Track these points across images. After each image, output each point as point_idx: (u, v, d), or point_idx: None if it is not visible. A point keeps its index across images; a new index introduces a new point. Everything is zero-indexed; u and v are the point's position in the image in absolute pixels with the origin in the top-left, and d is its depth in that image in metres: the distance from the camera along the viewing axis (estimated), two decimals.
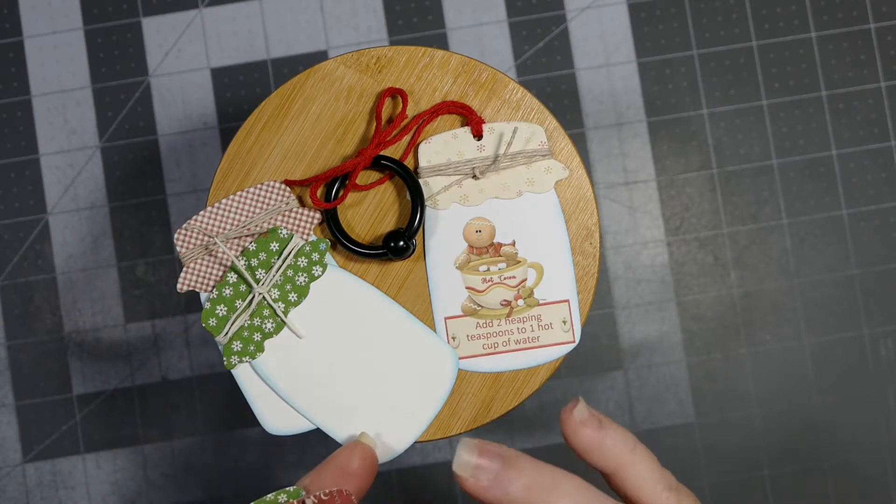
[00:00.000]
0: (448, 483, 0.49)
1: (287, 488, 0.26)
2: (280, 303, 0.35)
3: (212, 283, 0.36)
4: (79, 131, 0.50)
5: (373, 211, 0.37)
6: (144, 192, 0.50)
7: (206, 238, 0.36)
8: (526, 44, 0.50)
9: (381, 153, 0.36)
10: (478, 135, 0.36)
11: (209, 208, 0.36)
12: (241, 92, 0.50)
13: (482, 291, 0.36)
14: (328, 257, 0.36)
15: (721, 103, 0.50)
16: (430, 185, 0.36)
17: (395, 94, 0.36)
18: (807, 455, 0.49)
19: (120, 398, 0.49)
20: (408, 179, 0.35)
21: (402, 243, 0.35)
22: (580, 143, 0.49)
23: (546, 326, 0.36)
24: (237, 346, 0.35)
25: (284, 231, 0.35)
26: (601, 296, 0.49)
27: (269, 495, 0.26)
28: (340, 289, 0.36)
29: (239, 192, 0.36)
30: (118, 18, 0.50)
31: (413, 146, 0.36)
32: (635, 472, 0.31)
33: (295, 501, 0.26)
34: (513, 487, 0.28)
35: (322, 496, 0.26)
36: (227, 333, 0.35)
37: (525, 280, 0.36)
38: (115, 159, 0.50)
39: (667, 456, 0.49)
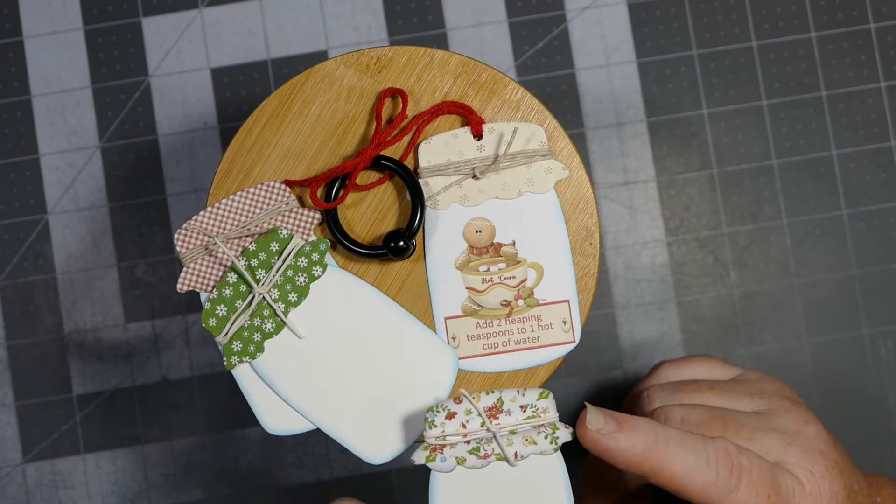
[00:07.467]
0: None
1: None
2: (280, 303, 0.35)
3: (212, 283, 0.36)
4: (79, 131, 0.50)
5: (373, 211, 0.37)
6: (144, 192, 0.50)
7: (206, 238, 0.36)
8: (526, 44, 0.50)
9: (381, 153, 0.36)
10: (478, 135, 0.36)
11: (209, 208, 0.36)
12: (241, 92, 0.50)
13: (482, 291, 0.36)
14: (328, 257, 0.36)
15: (721, 103, 0.50)
16: (430, 185, 0.36)
17: (395, 94, 0.36)
18: None
19: (120, 398, 0.49)
20: (408, 179, 0.35)
21: (402, 243, 0.35)
22: (580, 143, 0.49)
23: (546, 326, 0.36)
24: (237, 346, 0.35)
25: (284, 231, 0.35)
26: (601, 296, 0.49)
27: None
28: (340, 289, 0.36)
29: (239, 192, 0.36)
30: (118, 18, 0.50)
31: (413, 146, 0.36)
32: (667, 464, 0.26)
33: None
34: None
35: None
36: (227, 333, 0.35)
37: (525, 280, 0.36)
38: (115, 159, 0.50)
39: None
